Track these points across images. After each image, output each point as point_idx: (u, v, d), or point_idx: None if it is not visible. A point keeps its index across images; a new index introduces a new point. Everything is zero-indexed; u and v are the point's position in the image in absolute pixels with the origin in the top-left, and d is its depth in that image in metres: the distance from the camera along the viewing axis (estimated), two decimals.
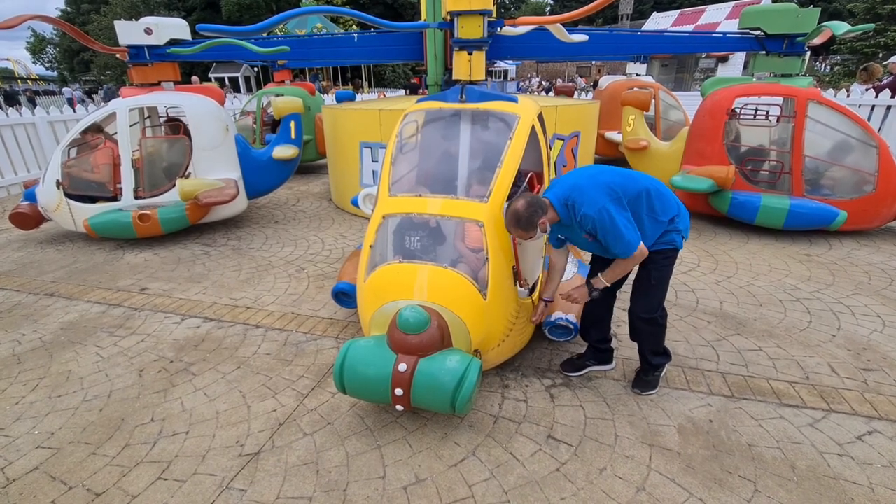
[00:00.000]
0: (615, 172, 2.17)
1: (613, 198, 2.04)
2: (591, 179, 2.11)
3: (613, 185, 2.08)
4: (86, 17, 32.75)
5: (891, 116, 7.12)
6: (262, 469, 1.97)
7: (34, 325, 3.23)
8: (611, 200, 2.02)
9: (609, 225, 1.99)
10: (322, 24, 17.65)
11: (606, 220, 1.99)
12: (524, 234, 2.07)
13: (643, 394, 2.39)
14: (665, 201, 2.17)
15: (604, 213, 1.98)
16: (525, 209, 2.02)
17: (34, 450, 2.10)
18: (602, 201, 2.01)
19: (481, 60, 3.80)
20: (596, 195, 2.03)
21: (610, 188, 2.06)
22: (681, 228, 2.21)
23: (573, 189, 2.09)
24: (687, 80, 19.61)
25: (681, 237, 2.22)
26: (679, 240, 2.21)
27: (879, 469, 1.92)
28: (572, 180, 2.15)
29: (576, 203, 2.05)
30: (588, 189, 2.07)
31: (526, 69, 35.90)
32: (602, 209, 1.99)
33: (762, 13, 4.84)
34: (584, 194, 2.05)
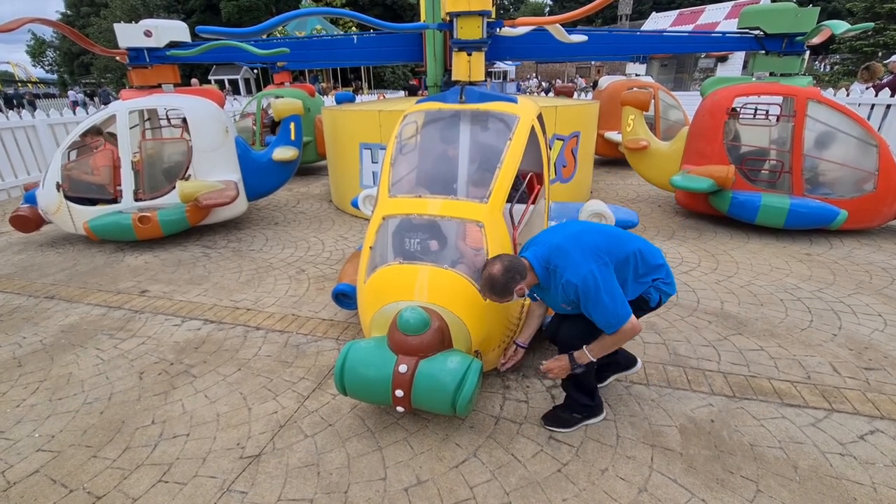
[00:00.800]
0: (601, 232, 2.00)
1: (601, 263, 1.84)
2: (575, 240, 1.92)
3: (600, 248, 1.89)
4: (85, 20, 32.80)
5: (891, 115, 7.12)
6: (263, 471, 1.97)
7: (35, 327, 3.23)
8: (598, 266, 1.83)
9: (594, 295, 1.79)
10: (321, 26, 17.67)
11: (591, 289, 1.79)
12: (498, 300, 1.93)
13: (547, 426, 2.15)
14: (649, 260, 2.01)
15: (589, 282, 1.79)
16: (502, 275, 1.85)
17: (35, 453, 2.10)
18: (587, 266, 1.81)
19: (481, 61, 3.81)
20: (581, 259, 1.84)
21: (596, 251, 1.87)
22: (662, 287, 2.02)
23: (555, 251, 1.90)
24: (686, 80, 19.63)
25: (659, 295, 2.02)
26: (655, 297, 2.01)
27: (882, 469, 1.91)
28: (555, 240, 1.96)
29: (558, 268, 1.88)
30: (572, 251, 1.87)
31: (525, 70, 35.94)
32: (587, 276, 1.80)
33: (761, 13, 4.84)
34: (568, 258, 1.86)
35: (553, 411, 2.22)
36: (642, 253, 2.00)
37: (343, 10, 4.45)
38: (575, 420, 2.16)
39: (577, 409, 2.16)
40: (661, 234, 4.79)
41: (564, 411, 2.18)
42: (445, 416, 2.24)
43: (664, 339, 2.88)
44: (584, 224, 2.03)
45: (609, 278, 1.84)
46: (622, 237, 2.02)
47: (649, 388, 2.43)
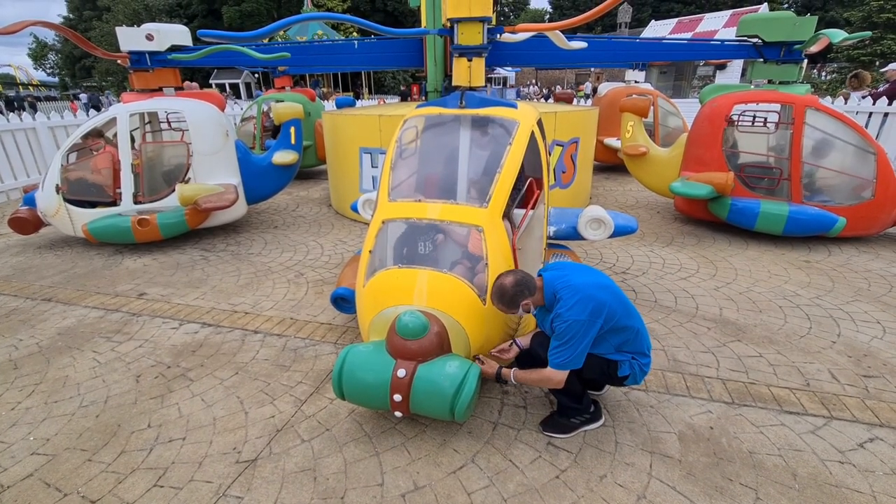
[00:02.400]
0: (618, 296, 2.01)
1: (596, 320, 1.90)
2: (590, 288, 1.95)
3: (606, 308, 1.92)
4: (88, 24, 32.96)
5: (888, 123, 7.16)
6: (260, 476, 1.95)
7: (31, 330, 3.21)
8: (592, 322, 1.89)
9: (568, 339, 1.88)
10: (323, 31, 17.76)
11: (569, 334, 1.88)
12: (505, 310, 2.02)
13: (545, 432, 2.16)
14: (638, 346, 2.05)
15: (575, 328, 1.88)
16: (512, 287, 1.95)
17: (29, 456, 2.08)
18: (584, 317, 1.88)
19: (481, 67, 3.81)
20: (584, 307, 1.89)
21: (600, 308, 1.91)
22: (636, 367, 2.05)
23: (569, 287, 1.95)
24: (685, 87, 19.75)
25: (632, 371, 2.04)
26: (626, 370, 2.03)
27: (881, 477, 1.90)
28: (576, 278, 2.00)
29: (563, 300, 1.94)
30: (582, 295, 1.92)
31: (525, 76, 36.12)
32: (577, 323, 1.87)
33: (760, 21, 4.88)
34: (574, 298, 1.91)
35: (551, 417, 2.21)
36: (639, 335, 2.05)
37: (344, 16, 4.47)
38: (573, 426, 2.15)
39: (573, 414, 2.15)
40: (660, 240, 4.79)
41: (562, 416, 2.17)
42: (443, 422, 2.22)
43: (663, 345, 2.88)
44: (608, 281, 2.05)
45: (590, 333, 1.91)
46: (633, 312, 2.05)
47: (648, 394, 2.42)
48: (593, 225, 3.11)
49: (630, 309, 2.05)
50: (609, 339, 2.01)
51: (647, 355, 2.09)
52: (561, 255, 3.32)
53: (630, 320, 2.02)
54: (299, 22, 3.96)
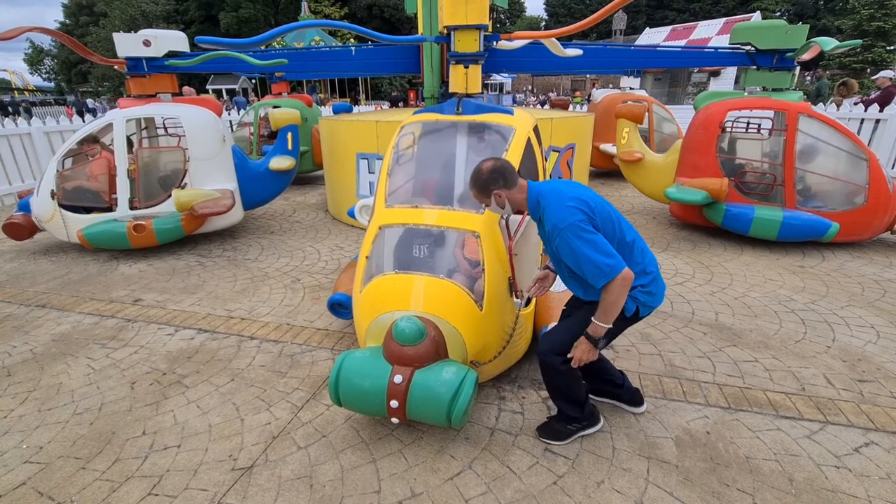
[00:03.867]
0: (608, 205, 1.90)
1: (592, 215, 1.77)
2: (577, 194, 1.82)
3: (596, 212, 1.79)
4: (84, 30, 32.96)
5: (880, 130, 7.25)
6: (255, 483, 1.94)
7: (25, 336, 3.19)
8: (582, 218, 1.74)
9: (577, 246, 1.70)
10: (320, 38, 17.83)
11: (573, 239, 1.70)
12: (476, 196, 1.95)
13: (541, 438, 2.12)
14: (639, 261, 1.87)
15: (576, 230, 1.70)
16: (488, 171, 1.87)
17: (22, 464, 2.06)
18: (573, 217, 1.73)
19: (477, 74, 3.84)
20: (568, 211, 1.75)
21: (591, 212, 1.78)
22: (640, 297, 1.87)
23: (552, 193, 1.84)
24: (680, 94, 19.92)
25: (636, 305, 1.88)
26: (631, 307, 1.87)
27: (877, 481, 1.91)
28: (560, 186, 1.89)
29: (546, 209, 1.82)
30: (566, 201, 1.78)
31: (522, 82, 36.36)
32: (570, 226, 1.72)
33: (752, 29, 4.94)
34: (558, 203, 1.78)
35: (548, 423, 2.20)
36: (637, 249, 1.88)
37: (341, 23, 4.51)
38: (569, 432, 2.12)
39: (570, 420, 2.12)
40: (656, 245, 4.82)
41: (559, 423, 2.15)
42: (440, 428, 2.22)
43: (659, 350, 2.89)
44: (597, 195, 1.90)
45: (591, 230, 1.73)
46: (625, 223, 1.90)
47: (645, 399, 2.42)
48: None
49: (622, 220, 1.90)
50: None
51: (650, 273, 1.90)
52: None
53: (626, 232, 1.86)
54: (297, 29, 3.98)
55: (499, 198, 1.93)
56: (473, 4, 3.68)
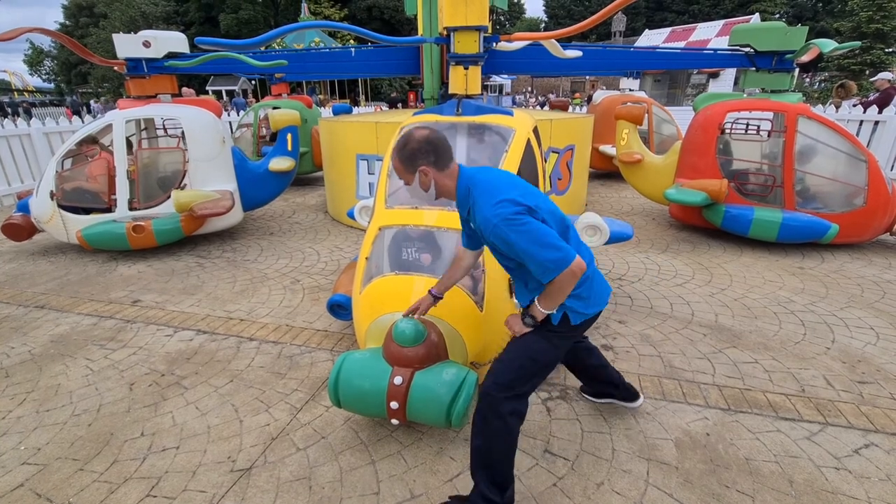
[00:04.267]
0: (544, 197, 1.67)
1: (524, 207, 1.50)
2: (508, 183, 1.60)
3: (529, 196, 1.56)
4: (84, 31, 32.96)
5: (879, 131, 7.26)
6: (254, 485, 1.93)
7: (24, 337, 3.18)
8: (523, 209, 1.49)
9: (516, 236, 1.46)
10: (320, 39, 17.86)
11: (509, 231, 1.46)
12: (399, 169, 1.63)
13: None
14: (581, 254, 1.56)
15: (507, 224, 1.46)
16: (419, 141, 1.58)
17: (20, 466, 2.05)
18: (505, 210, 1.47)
19: (477, 75, 3.85)
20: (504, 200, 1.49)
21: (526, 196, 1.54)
22: (567, 302, 1.60)
23: (485, 182, 1.60)
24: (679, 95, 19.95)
25: (562, 312, 1.62)
26: (556, 315, 1.63)
27: (877, 483, 1.91)
28: (493, 174, 1.66)
29: (476, 201, 1.57)
30: (497, 189, 1.54)
31: (521, 84, 36.41)
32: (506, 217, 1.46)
33: (751, 31, 4.95)
34: (488, 192, 1.54)
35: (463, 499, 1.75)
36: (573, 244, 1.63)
37: (341, 24, 4.51)
38: None
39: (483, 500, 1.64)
40: (656, 246, 4.82)
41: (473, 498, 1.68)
42: (440, 429, 2.21)
43: (659, 351, 2.88)
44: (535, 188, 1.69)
45: (528, 220, 1.47)
46: (559, 212, 1.67)
47: (644, 400, 2.42)
48: (589, 232, 3.13)
49: (556, 208, 1.67)
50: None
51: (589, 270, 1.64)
52: None
53: (564, 226, 1.64)
54: (296, 30, 3.98)
55: (424, 176, 1.61)
56: (473, 6, 3.68)
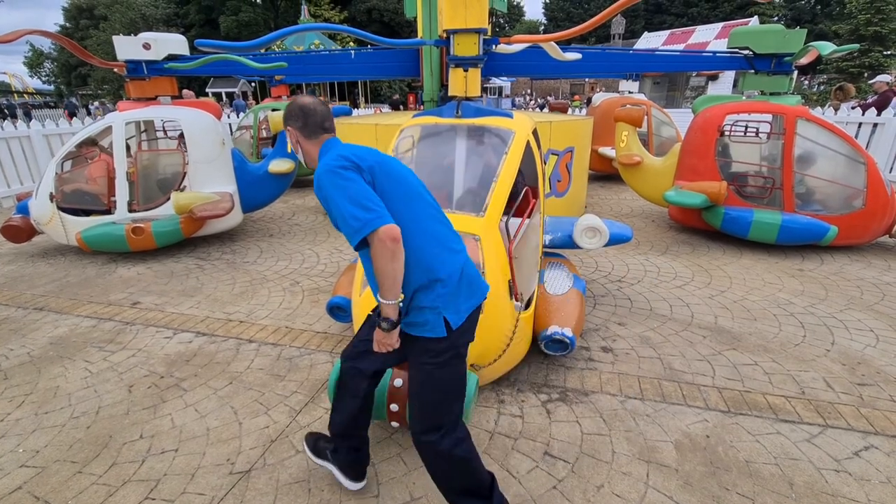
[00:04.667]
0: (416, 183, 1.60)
1: (353, 164, 1.42)
2: (363, 149, 1.54)
3: (386, 167, 1.49)
4: (84, 33, 33.00)
5: (877, 134, 7.27)
6: (253, 488, 1.93)
7: (22, 339, 3.17)
8: (350, 165, 1.42)
9: (330, 194, 1.38)
10: (319, 41, 17.88)
11: (328, 186, 1.39)
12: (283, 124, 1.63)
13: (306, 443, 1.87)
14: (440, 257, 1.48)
15: (323, 178, 1.40)
16: (294, 106, 1.57)
17: (18, 468, 2.05)
18: (335, 163, 1.41)
19: (477, 77, 3.86)
20: (339, 156, 1.44)
21: (367, 159, 1.46)
22: (439, 304, 1.44)
23: (336, 147, 1.54)
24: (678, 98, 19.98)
25: (441, 318, 1.45)
26: (436, 320, 1.44)
27: (877, 485, 1.90)
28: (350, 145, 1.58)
29: (321, 159, 1.54)
30: (345, 148, 1.51)
31: (521, 86, 36.49)
32: (330, 170, 1.39)
33: (750, 33, 4.97)
34: (334, 151, 1.49)
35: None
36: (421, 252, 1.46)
37: (341, 26, 4.52)
38: (324, 456, 1.78)
39: (327, 451, 1.78)
40: (655, 248, 4.82)
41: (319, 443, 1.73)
42: None
43: (659, 353, 2.88)
44: (400, 164, 1.60)
45: (350, 177, 1.39)
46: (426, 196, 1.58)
47: (644, 402, 2.42)
48: (588, 234, 3.13)
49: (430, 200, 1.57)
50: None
51: (441, 280, 1.45)
52: (556, 263, 3.33)
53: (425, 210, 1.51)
54: (296, 32, 3.99)
55: (290, 133, 1.60)
56: (473, 8, 3.70)
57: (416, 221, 1.48)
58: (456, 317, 1.48)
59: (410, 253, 1.42)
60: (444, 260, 1.50)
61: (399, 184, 1.51)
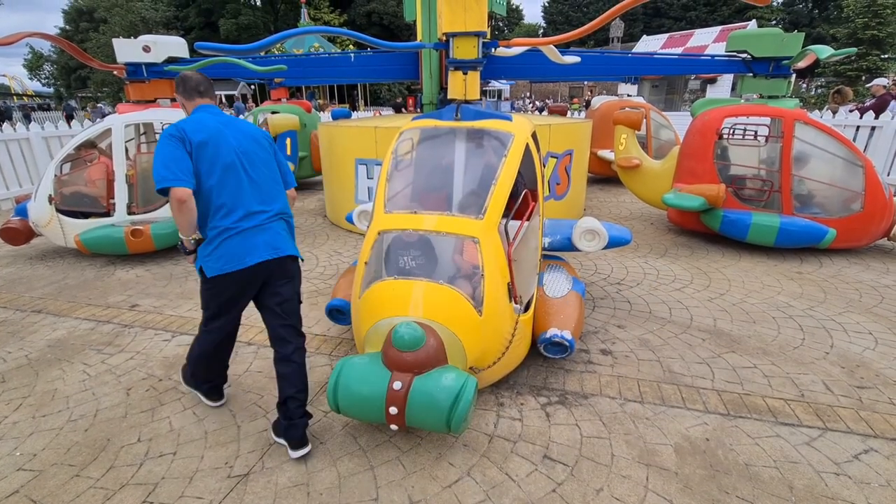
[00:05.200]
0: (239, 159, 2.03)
1: (177, 137, 1.88)
2: (201, 121, 2.00)
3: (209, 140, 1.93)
4: (84, 35, 33.03)
5: (875, 137, 7.30)
6: (252, 491, 1.92)
7: (20, 342, 3.16)
8: (176, 134, 1.88)
9: (158, 147, 1.88)
10: (319, 44, 17.93)
11: (159, 142, 1.88)
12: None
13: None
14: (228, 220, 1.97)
15: (163, 135, 1.88)
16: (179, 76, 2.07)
17: (15, 472, 2.03)
18: (166, 130, 1.91)
19: (476, 80, 3.87)
20: (175, 125, 1.92)
21: (198, 132, 1.92)
22: (200, 254, 1.99)
23: (187, 120, 1.99)
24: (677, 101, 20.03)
25: (199, 264, 1.99)
26: (197, 264, 2.01)
27: (877, 489, 1.90)
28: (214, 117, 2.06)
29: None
30: (185, 118, 2.00)
31: (520, 89, 36.57)
32: (162, 136, 1.89)
33: (748, 37, 4.99)
34: (184, 119, 1.99)
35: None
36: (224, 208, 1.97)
37: (341, 30, 4.53)
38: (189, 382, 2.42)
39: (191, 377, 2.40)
40: (654, 251, 4.83)
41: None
42: (439, 434, 2.20)
43: (658, 356, 2.88)
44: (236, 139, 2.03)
45: (172, 144, 1.86)
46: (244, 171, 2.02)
47: (644, 405, 2.42)
48: (588, 236, 3.13)
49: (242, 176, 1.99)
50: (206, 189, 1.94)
51: (216, 229, 1.97)
52: (556, 266, 3.33)
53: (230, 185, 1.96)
54: (296, 35, 4.00)
55: (177, 98, 2.12)
56: (472, 12, 3.71)
57: (221, 187, 1.95)
58: (209, 269, 1.97)
59: (210, 207, 1.95)
60: (237, 217, 1.97)
61: (217, 160, 1.94)
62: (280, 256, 2.04)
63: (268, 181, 2.07)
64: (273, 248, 2.02)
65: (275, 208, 2.07)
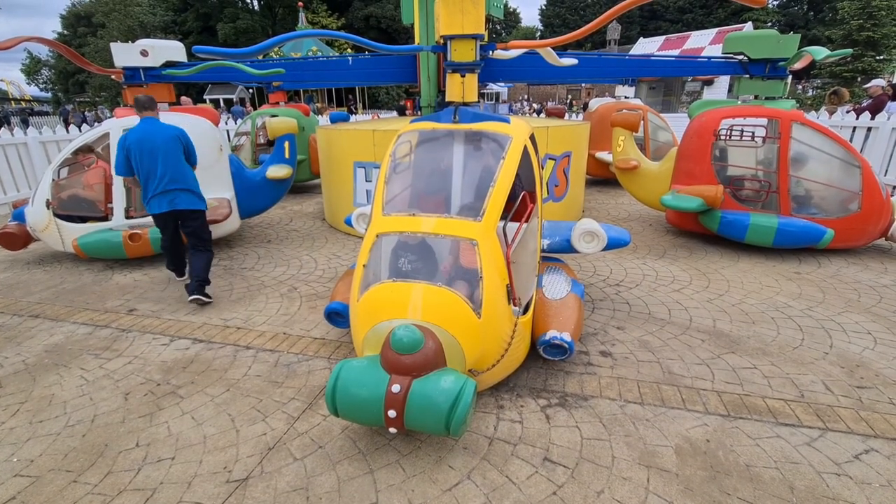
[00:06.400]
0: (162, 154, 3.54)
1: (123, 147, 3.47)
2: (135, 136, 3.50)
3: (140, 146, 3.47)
4: (82, 40, 33.08)
5: (872, 137, 7.33)
6: (251, 496, 1.91)
7: (17, 347, 3.15)
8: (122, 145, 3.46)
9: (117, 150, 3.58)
10: (317, 48, 17.96)
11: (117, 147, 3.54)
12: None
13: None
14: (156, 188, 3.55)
15: (118, 145, 3.54)
16: (136, 97, 3.60)
17: (12, 478, 2.02)
18: (123, 138, 3.51)
19: (474, 83, 3.87)
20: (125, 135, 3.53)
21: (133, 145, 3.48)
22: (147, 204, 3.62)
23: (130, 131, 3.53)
24: (674, 102, 20.10)
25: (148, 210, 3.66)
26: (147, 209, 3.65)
27: (878, 489, 1.90)
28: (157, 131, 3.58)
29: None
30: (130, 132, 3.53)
31: (518, 91, 36.68)
32: (121, 139, 3.54)
33: (745, 39, 5.01)
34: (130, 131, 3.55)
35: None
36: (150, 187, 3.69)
37: (339, 33, 4.53)
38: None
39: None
40: (653, 252, 4.83)
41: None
42: (438, 437, 2.20)
43: (658, 357, 2.88)
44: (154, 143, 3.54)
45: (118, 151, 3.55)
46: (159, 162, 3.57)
47: (644, 407, 2.41)
48: (586, 238, 3.13)
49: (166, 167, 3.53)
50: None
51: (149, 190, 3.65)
52: (554, 268, 3.33)
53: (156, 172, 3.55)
54: (294, 39, 4.01)
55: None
56: (469, 14, 3.71)
57: (145, 173, 3.52)
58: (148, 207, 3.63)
59: (142, 182, 3.57)
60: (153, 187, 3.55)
61: (141, 156, 3.47)
62: (177, 209, 3.58)
63: (175, 165, 3.54)
64: (171, 204, 3.56)
65: (178, 183, 3.55)
